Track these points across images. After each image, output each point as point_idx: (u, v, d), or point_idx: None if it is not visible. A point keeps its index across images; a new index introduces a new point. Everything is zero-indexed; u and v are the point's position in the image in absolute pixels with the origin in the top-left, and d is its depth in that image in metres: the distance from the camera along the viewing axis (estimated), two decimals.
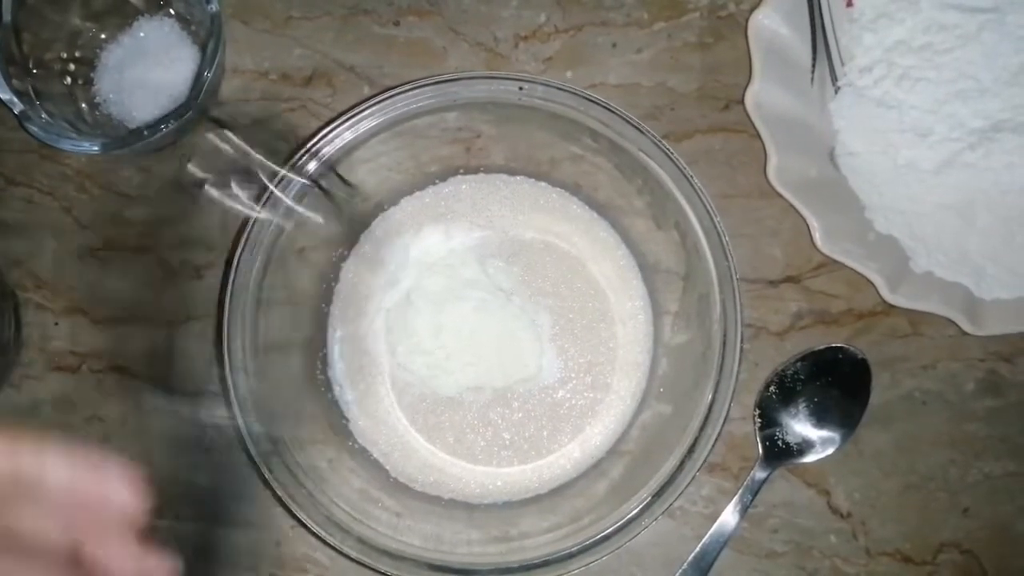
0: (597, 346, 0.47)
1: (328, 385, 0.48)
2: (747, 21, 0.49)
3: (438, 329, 0.47)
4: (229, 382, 0.40)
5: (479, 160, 0.49)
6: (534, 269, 0.48)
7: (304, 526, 0.39)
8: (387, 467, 0.47)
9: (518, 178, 0.49)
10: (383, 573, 0.38)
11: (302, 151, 0.41)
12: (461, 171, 0.49)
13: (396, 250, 0.48)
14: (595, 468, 0.46)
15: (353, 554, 0.38)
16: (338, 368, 0.48)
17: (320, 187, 0.42)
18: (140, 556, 0.28)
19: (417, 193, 0.49)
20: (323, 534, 0.38)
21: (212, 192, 0.44)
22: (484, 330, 0.48)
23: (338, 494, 0.41)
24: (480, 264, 0.48)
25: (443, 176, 0.49)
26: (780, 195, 0.48)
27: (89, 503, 0.27)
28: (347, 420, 0.47)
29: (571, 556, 0.38)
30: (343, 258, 0.48)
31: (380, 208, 0.49)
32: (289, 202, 0.41)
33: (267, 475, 0.39)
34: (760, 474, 0.48)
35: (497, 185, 0.49)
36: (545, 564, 0.38)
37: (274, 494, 0.40)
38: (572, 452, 0.46)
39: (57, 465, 0.27)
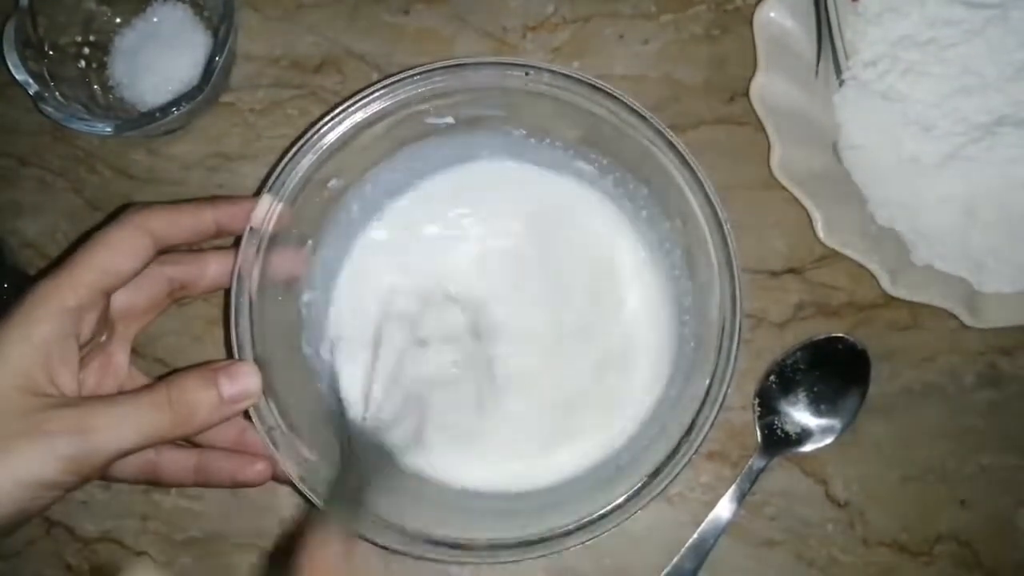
0: (611, 338, 0.47)
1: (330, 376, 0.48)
2: (753, 14, 0.50)
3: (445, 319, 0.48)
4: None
5: None
6: (544, 257, 0.49)
7: (308, 501, 0.39)
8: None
9: (526, 165, 0.49)
10: (382, 547, 0.38)
11: (309, 134, 0.42)
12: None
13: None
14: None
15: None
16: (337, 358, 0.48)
17: None
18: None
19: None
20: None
21: None
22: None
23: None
24: (488, 254, 0.49)
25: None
26: (783, 187, 0.48)
27: None
28: (342, 406, 0.47)
29: (568, 534, 0.39)
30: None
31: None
32: None
33: (272, 451, 0.39)
34: (759, 462, 0.49)
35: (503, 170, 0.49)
36: (542, 541, 0.38)
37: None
38: (584, 450, 0.46)
39: None
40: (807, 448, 0.49)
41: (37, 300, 0.36)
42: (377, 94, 0.42)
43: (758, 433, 0.49)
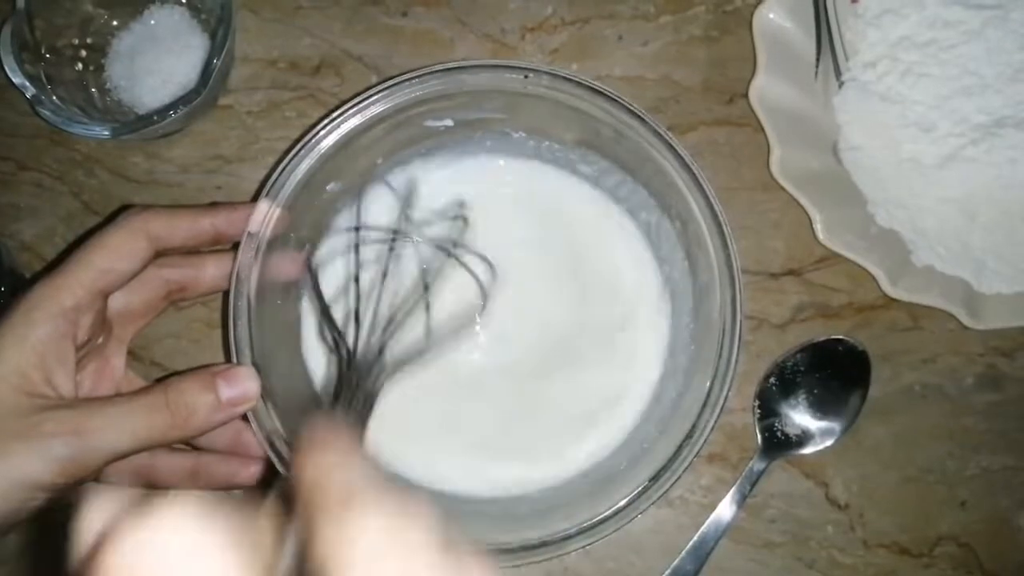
0: (612, 336, 0.47)
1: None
2: (752, 15, 0.50)
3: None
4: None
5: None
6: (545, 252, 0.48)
7: None
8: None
9: (524, 166, 0.49)
10: None
11: (308, 136, 0.42)
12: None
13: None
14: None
15: None
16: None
17: None
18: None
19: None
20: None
21: None
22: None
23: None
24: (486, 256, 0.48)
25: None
26: (783, 188, 0.48)
27: None
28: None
29: (569, 537, 0.39)
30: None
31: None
32: None
33: (271, 455, 0.39)
34: (759, 465, 0.49)
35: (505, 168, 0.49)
36: (543, 545, 0.38)
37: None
38: (585, 448, 0.46)
39: None
40: (807, 450, 0.49)
41: (34, 301, 0.36)
42: (376, 97, 0.42)
43: (758, 435, 0.49)
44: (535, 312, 0.48)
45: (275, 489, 0.20)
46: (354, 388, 0.37)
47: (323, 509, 0.18)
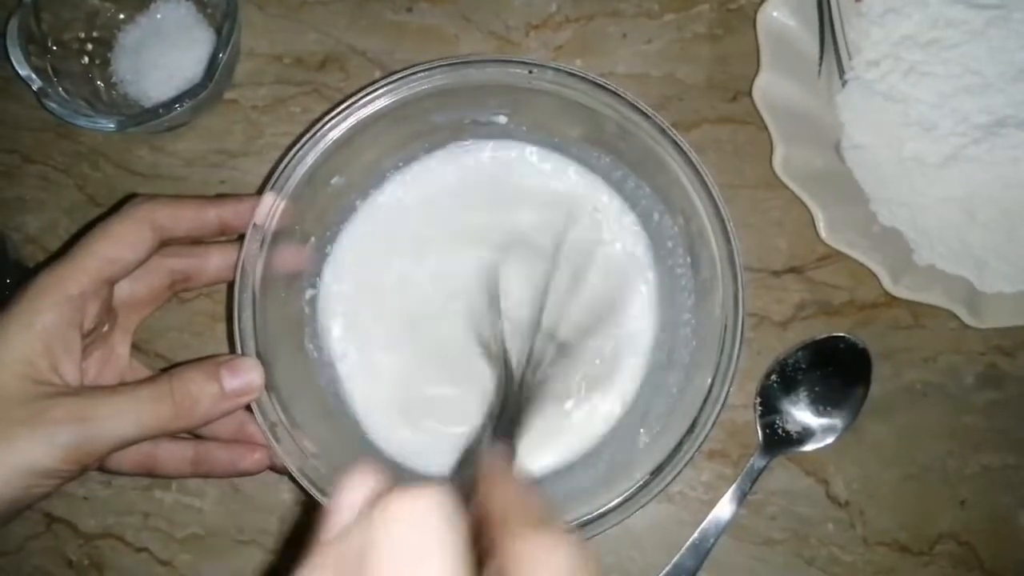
0: (602, 324, 0.48)
1: (330, 367, 0.48)
2: (756, 13, 0.50)
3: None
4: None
5: None
6: (538, 242, 0.48)
7: (309, 496, 0.39)
8: (382, 449, 0.47)
9: (532, 149, 0.49)
10: None
11: (312, 131, 0.42)
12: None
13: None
14: (595, 446, 0.46)
15: None
16: (336, 352, 0.48)
17: None
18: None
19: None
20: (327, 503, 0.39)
21: None
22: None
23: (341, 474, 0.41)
24: (490, 248, 0.49)
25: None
26: (786, 186, 0.49)
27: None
28: (342, 397, 0.47)
29: (568, 531, 0.39)
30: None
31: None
32: None
33: (274, 446, 0.39)
34: (759, 462, 0.49)
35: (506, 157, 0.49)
36: None
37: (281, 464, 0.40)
38: (572, 434, 0.47)
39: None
40: (808, 447, 0.49)
41: (40, 289, 0.36)
42: (380, 91, 0.42)
43: (759, 432, 0.49)
44: (538, 305, 0.48)
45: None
46: (513, 413, 0.38)
47: (522, 528, 0.22)
